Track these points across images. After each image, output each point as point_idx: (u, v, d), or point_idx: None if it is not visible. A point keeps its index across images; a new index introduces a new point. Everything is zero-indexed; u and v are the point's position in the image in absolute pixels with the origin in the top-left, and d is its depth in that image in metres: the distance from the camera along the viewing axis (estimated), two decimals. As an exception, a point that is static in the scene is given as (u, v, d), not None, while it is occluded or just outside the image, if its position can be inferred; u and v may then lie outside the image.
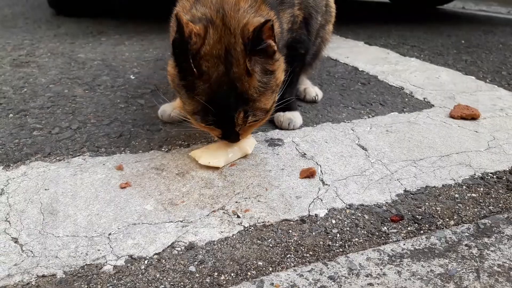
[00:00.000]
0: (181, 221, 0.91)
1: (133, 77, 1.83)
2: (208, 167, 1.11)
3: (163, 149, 1.22)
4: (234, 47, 0.97)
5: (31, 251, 0.80)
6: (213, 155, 1.14)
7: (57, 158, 1.14)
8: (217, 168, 1.11)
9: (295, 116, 1.37)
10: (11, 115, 1.39)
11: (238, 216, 0.93)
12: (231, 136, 1.07)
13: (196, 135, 1.32)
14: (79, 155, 1.16)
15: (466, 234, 0.85)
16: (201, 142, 1.28)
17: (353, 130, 1.37)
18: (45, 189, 0.99)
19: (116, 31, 2.89)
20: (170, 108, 1.40)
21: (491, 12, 4.66)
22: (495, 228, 0.87)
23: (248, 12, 1.02)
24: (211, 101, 0.98)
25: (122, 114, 1.44)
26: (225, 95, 0.98)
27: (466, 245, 0.81)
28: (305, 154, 1.21)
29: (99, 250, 0.81)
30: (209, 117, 1.01)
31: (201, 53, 0.96)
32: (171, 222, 0.90)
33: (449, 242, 0.82)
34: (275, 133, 1.34)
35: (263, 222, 0.92)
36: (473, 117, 1.45)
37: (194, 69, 0.95)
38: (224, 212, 0.94)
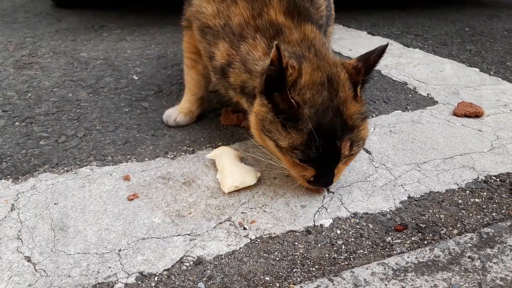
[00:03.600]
0: (189, 234, 0.93)
1: (136, 78, 1.83)
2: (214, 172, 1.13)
3: (168, 156, 1.24)
4: (337, 75, 0.97)
5: (44, 270, 0.82)
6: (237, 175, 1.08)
7: (65, 168, 1.16)
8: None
9: None
10: (17, 123, 1.41)
11: (245, 228, 0.95)
12: (327, 175, 0.97)
13: (201, 140, 1.33)
14: (86, 165, 1.18)
15: (469, 244, 0.86)
16: (206, 147, 1.29)
17: (356, 131, 1.37)
18: (55, 203, 1.01)
19: (117, 24, 2.87)
20: (176, 113, 1.41)
21: (496, -7, 4.56)
22: (498, 237, 0.88)
23: (328, 50, 1.06)
24: (318, 128, 0.91)
25: (127, 119, 1.45)
26: (331, 122, 0.92)
27: (469, 257, 0.83)
28: (309, 158, 1.22)
29: (110, 267, 0.83)
30: (312, 150, 0.92)
31: (300, 83, 0.93)
32: (179, 235, 0.92)
33: (452, 254, 0.83)
34: (279, 136, 1.34)
35: (269, 234, 0.93)
36: (476, 114, 1.45)
37: (292, 100, 0.91)
38: (230, 224, 0.96)
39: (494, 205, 1.02)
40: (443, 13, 3.15)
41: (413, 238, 0.92)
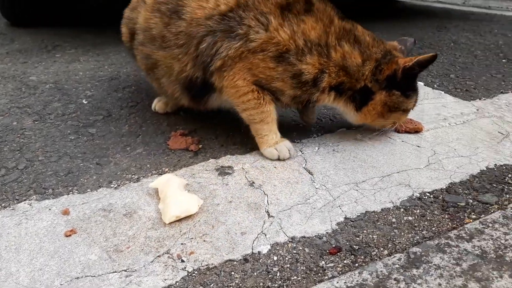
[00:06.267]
0: (125, 270, 0.92)
1: (86, 102, 1.81)
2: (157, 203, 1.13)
3: (112, 186, 1.23)
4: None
5: (-30, 318, 0.80)
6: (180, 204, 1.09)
7: (2, 205, 1.14)
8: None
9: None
10: (-45, 157, 1.37)
11: (183, 261, 0.95)
12: None
13: (147, 167, 1.33)
14: (25, 200, 1.16)
15: (397, 266, 0.89)
16: (152, 174, 1.28)
17: (301, 151, 1.41)
18: (-12, 244, 0.99)
19: (72, 44, 2.83)
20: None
21: (447, 4, 4.76)
22: (424, 257, 0.92)
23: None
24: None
25: (71, 147, 1.43)
26: None
27: (395, 278, 0.86)
28: (253, 182, 1.24)
29: (40, 311, 0.82)
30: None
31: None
32: (115, 272, 0.92)
33: (380, 277, 0.86)
34: (225, 160, 1.36)
35: (207, 265, 0.94)
36: (416, 130, 1.51)
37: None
38: (169, 257, 0.96)
39: (426, 223, 1.07)
40: (394, 25, 3.26)
41: (345, 261, 0.94)
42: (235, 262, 0.95)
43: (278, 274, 0.91)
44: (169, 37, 1.34)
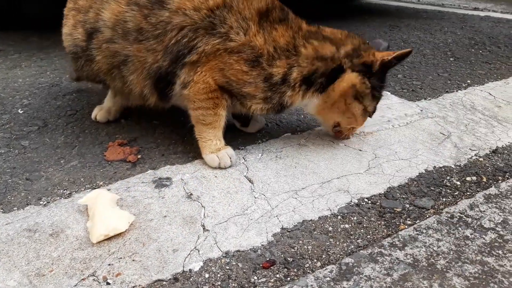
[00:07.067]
0: (45, 297, 0.87)
1: (21, 111, 1.72)
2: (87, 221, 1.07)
3: (41, 203, 1.16)
4: None
5: None
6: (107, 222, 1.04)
7: None
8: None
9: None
10: None
11: (108, 283, 0.90)
12: None
13: (80, 180, 1.26)
14: None
15: (328, 278, 0.88)
16: (85, 189, 1.22)
17: (244, 158, 1.38)
18: None
19: (17, 48, 2.69)
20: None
21: (403, 2, 4.87)
22: (356, 268, 0.91)
23: None
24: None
25: (0, 162, 1.35)
26: None
27: (324, 292, 0.84)
28: (191, 194, 1.20)
29: None
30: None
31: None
32: (33, 299, 0.86)
33: (309, 291, 0.85)
34: (164, 171, 1.31)
35: (133, 287, 0.90)
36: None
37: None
38: (94, 279, 0.91)
39: (362, 230, 1.06)
40: (348, 26, 3.28)
41: (278, 275, 0.92)
42: (164, 282, 0.91)
43: (207, 293, 0.88)
44: (147, 28, 1.30)
